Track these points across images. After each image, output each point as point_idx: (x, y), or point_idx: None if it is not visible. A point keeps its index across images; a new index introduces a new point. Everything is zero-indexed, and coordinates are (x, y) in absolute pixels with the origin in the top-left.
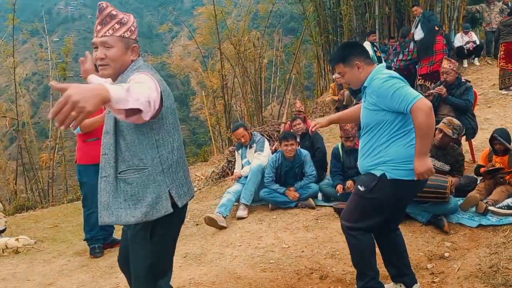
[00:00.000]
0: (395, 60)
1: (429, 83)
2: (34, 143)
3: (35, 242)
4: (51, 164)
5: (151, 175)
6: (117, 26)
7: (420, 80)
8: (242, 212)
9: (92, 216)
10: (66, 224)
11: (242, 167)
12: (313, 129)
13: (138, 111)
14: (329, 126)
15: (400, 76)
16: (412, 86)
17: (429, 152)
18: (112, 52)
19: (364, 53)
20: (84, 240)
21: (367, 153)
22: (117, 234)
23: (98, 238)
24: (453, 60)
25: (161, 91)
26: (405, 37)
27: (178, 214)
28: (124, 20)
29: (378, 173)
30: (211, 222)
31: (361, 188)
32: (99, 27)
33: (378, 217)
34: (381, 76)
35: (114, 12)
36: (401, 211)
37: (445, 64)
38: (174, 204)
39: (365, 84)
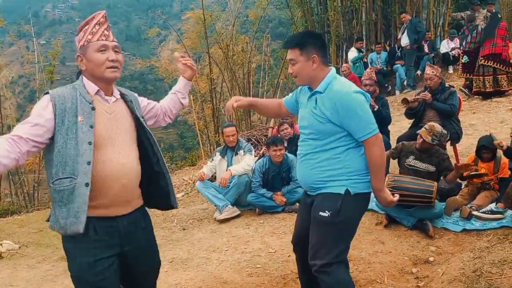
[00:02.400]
0: (464, 43)
1: (492, 62)
2: None
3: (19, 247)
4: (37, 168)
5: None
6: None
7: (482, 60)
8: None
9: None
10: None
11: None
12: (234, 105)
13: None
14: None
15: (365, 94)
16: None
17: (384, 187)
18: (120, 57)
19: (324, 50)
20: None
21: (316, 164)
22: None
23: None
24: (435, 66)
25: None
26: (472, 21)
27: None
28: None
29: (340, 190)
30: (226, 220)
31: (325, 214)
32: (106, 32)
33: (349, 239)
34: (346, 89)
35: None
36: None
37: (428, 70)
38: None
39: (318, 89)
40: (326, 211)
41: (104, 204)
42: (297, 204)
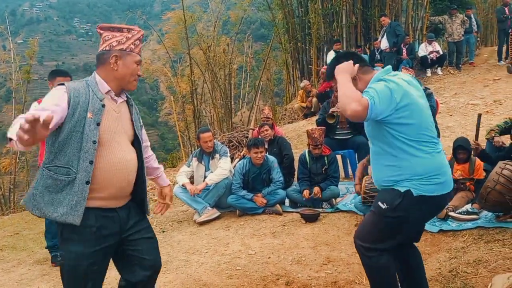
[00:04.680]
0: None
1: None
2: None
3: None
4: (13, 169)
5: None
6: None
7: None
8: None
9: (54, 223)
10: (27, 231)
11: (205, 178)
12: None
13: None
14: (297, 133)
15: (396, 82)
16: None
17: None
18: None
19: (358, 62)
20: (46, 248)
21: (383, 167)
22: None
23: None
24: (410, 69)
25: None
26: None
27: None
28: (107, 38)
29: (402, 189)
30: (206, 222)
31: (383, 206)
32: (141, 50)
33: (400, 236)
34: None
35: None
36: (422, 228)
37: (403, 72)
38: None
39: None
40: (384, 203)
41: (105, 197)
42: (278, 205)
